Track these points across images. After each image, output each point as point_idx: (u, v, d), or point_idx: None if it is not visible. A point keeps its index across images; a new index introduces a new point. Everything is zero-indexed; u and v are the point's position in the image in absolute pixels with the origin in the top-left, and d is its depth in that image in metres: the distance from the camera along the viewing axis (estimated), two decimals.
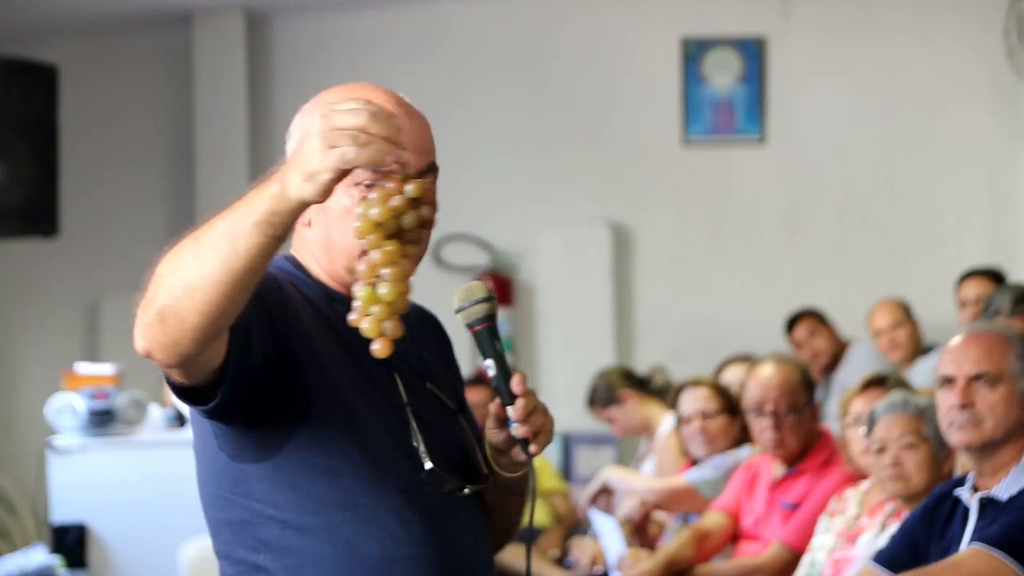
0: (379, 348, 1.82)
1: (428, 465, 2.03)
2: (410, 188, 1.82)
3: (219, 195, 8.09)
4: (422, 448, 2.03)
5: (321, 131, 1.71)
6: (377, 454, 2.00)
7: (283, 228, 1.73)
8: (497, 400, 2.06)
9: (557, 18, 8.08)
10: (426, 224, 1.86)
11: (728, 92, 7.95)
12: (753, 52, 7.93)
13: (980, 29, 7.60)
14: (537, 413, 2.05)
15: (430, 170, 2.03)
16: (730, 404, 4.93)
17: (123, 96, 8.16)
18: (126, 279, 8.53)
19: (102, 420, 5.22)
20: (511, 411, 2.03)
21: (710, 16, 7.98)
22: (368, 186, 1.92)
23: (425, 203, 1.85)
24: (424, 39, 8.06)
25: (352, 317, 1.83)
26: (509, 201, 7.88)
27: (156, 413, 5.53)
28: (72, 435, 5.22)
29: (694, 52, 7.95)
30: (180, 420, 5.61)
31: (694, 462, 5.01)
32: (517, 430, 2.04)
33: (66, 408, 5.22)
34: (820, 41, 7.94)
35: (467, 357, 7.47)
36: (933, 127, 7.87)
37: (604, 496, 4.91)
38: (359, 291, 1.82)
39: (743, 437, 4.88)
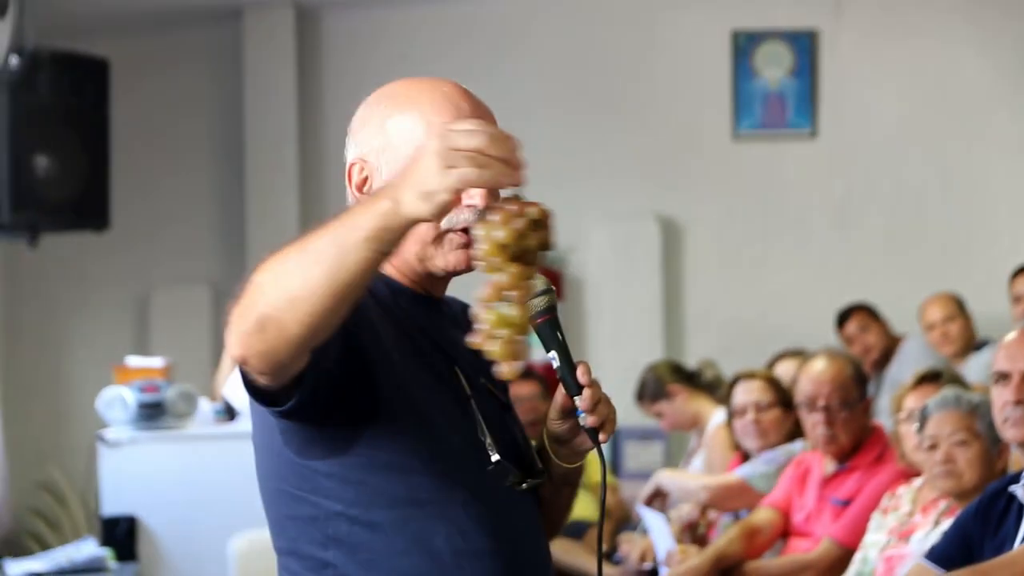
0: (507, 371, 1.81)
1: (495, 458, 2.04)
2: (532, 210, 1.83)
3: (269, 191, 8.20)
4: (489, 441, 2.04)
5: (439, 151, 1.70)
6: (444, 449, 2.00)
7: (391, 244, 1.73)
8: (561, 390, 2.07)
9: (608, 11, 8.06)
10: (547, 247, 1.85)
11: (779, 85, 7.91)
12: (804, 45, 7.88)
13: None
14: (602, 403, 2.06)
15: None
16: (784, 397, 4.89)
17: (173, 91, 8.20)
18: (176, 273, 8.65)
19: (152, 413, 5.24)
20: (578, 401, 2.04)
21: (761, 9, 7.94)
22: (486, 208, 1.89)
23: (546, 225, 1.84)
24: (473, 32, 8.05)
25: (475, 339, 1.81)
26: (558, 195, 7.79)
27: (205, 406, 5.55)
28: (122, 428, 5.25)
29: (745, 45, 7.91)
30: (229, 413, 5.63)
31: (745, 457, 4.98)
32: (585, 420, 2.05)
33: (116, 401, 5.25)
34: (872, 35, 7.89)
35: None
36: (985, 120, 7.80)
37: (658, 499, 4.88)
38: (483, 313, 1.80)
39: (796, 431, 4.84)
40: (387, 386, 1.95)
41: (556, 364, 2.05)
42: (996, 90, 7.79)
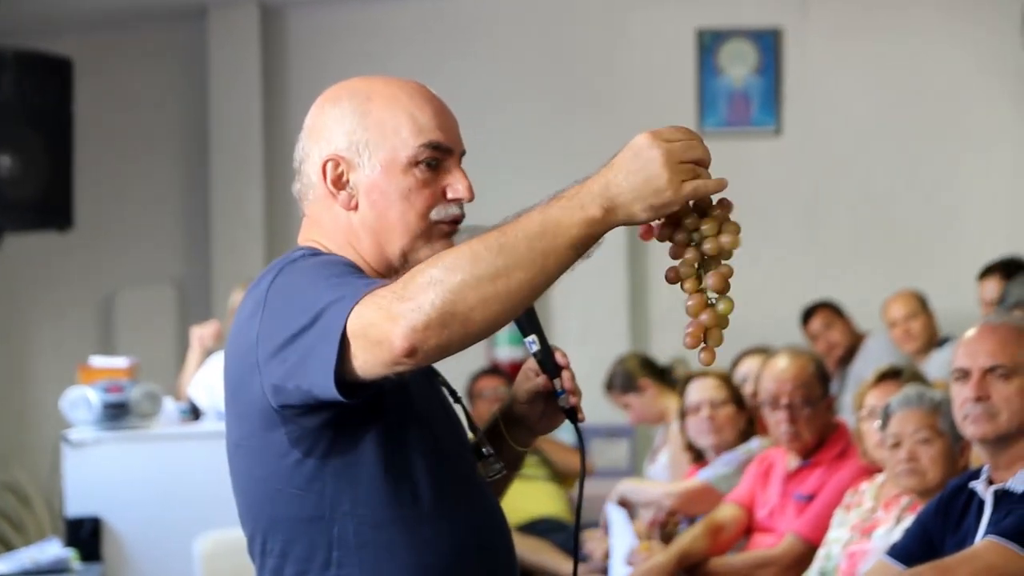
0: (709, 358, 1.91)
1: (487, 450, 2.13)
2: (730, 207, 1.94)
3: (233, 189, 8.17)
4: (480, 435, 2.16)
5: (669, 163, 1.80)
6: (441, 446, 2.04)
7: (590, 248, 1.82)
8: (528, 375, 2.20)
9: (572, 8, 8.07)
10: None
11: (744, 83, 7.93)
12: (769, 43, 7.91)
13: (999, 19, 7.57)
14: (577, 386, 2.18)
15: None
16: (737, 395, 4.93)
17: (138, 89, 8.17)
18: (140, 272, 8.60)
19: (116, 413, 5.22)
20: (558, 383, 2.15)
21: (726, 7, 7.96)
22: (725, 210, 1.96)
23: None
24: (438, 30, 8.05)
25: (693, 330, 1.91)
26: (522, 192, 7.81)
27: (170, 406, 5.54)
28: (87, 428, 5.23)
29: (709, 43, 7.94)
30: (194, 413, 5.62)
31: (698, 456, 5.00)
32: (565, 400, 2.16)
33: (81, 401, 5.23)
34: (837, 32, 7.92)
35: (480, 347, 7.47)
36: (952, 118, 7.84)
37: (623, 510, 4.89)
38: (704, 303, 1.92)
39: (749, 429, 4.87)
40: (388, 386, 1.96)
41: (535, 348, 2.15)
42: (962, 87, 7.83)
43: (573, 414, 2.17)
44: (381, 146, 2.03)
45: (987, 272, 6.36)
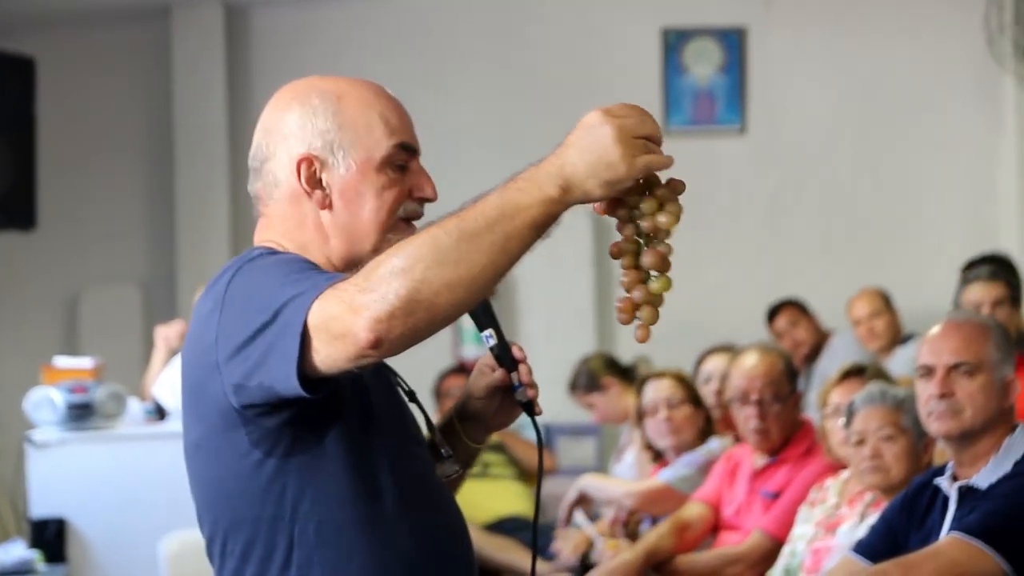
0: (645, 335, 1.91)
1: (446, 451, 2.15)
2: (681, 188, 1.95)
3: (198, 189, 8.13)
4: (439, 436, 2.17)
5: (621, 138, 1.82)
6: (400, 446, 2.05)
7: (550, 228, 1.83)
8: (483, 370, 2.22)
9: (537, 8, 8.07)
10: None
11: (709, 82, 7.95)
12: (734, 42, 7.93)
13: (961, 19, 7.61)
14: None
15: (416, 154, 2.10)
16: (694, 394, 4.94)
17: (101, 88, 8.13)
18: (105, 272, 8.54)
19: (81, 414, 5.20)
20: (515, 377, 2.17)
21: (690, 6, 7.98)
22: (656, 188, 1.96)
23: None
24: (402, 29, 8.04)
25: (623, 307, 1.91)
26: (488, 189, 7.86)
27: (135, 407, 5.52)
28: (51, 429, 5.21)
29: (674, 42, 7.95)
30: (160, 413, 5.60)
31: (657, 456, 5.01)
32: (523, 394, 2.17)
33: (45, 402, 5.21)
34: (801, 31, 7.95)
35: (447, 346, 7.47)
36: (914, 117, 7.88)
37: (583, 505, 4.90)
38: (638, 281, 1.91)
39: (707, 428, 4.89)
40: (347, 383, 1.96)
41: (492, 343, 2.17)
42: (924, 86, 7.87)
43: (530, 407, 2.18)
44: (356, 146, 2.04)
45: (971, 267, 6.39)
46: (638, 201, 1.91)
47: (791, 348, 6.89)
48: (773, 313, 7.13)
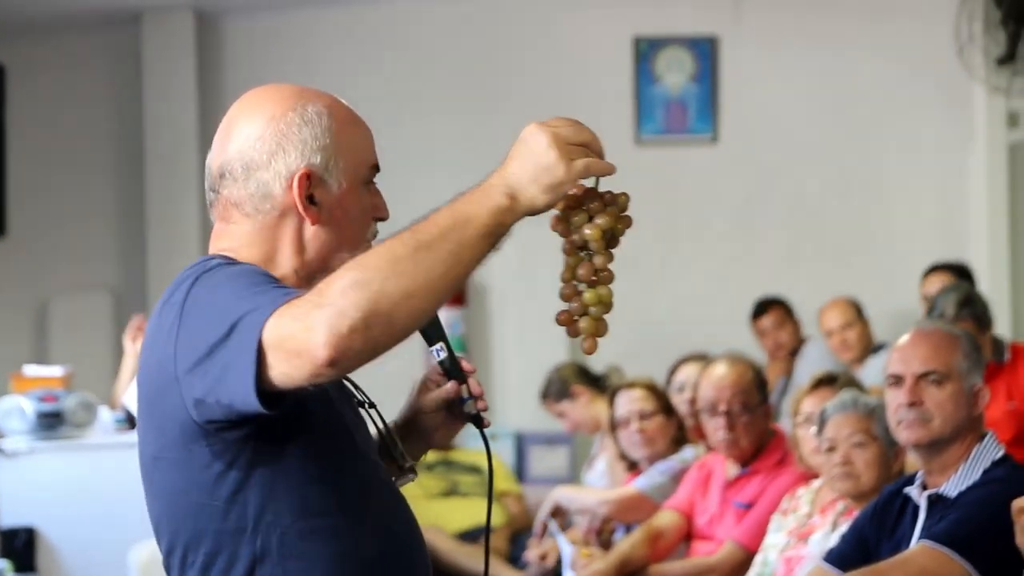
0: (591, 346, 1.97)
1: (409, 464, 2.18)
2: (623, 198, 1.96)
3: (169, 196, 8.10)
4: (401, 449, 2.18)
5: (556, 145, 1.88)
6: (361, 454, 2.05)
7: (503, 238, 1.87)
8: (426, 385, 2.23)
9: (509, 17, 8.07)
10: (625, 231, 1.98)
11: (680, 91, 7.97)
12: (705, 51, 7.95)
13: (931, 28, 7.64)
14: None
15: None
16: (666, 404, 4.95)
17: (72, 96, 8.10)
18: (75, 280, 8.50)
19: (51, 423, 5.18)
20: (464, 389, 2.19)
21: (662, 15, 7.99)
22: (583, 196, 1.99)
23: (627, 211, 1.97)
24: (374, 39, 8.03)
25: (562, 318, 1.96)
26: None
27: (105, 415, 5.49)
28: (20, 438, 5.18)
29: (646, 51, 7.97)
30: (130, 422, 5.57)
31: (632, 466, 5.01)
32: (471, 405, 2.19)
33: (14, 410, 5.18)
34: (772, 40, 7.97)
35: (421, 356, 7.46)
36: (885, 126, 7.91)
37: (557, 516, 4.90)
38: (573, 293, 1.94)
39: (681, 437, 4.90)
40: (308, 395, 1.93)
41: (442, 356, 2.18)
42: (894, 94, 7.90)
43: (479, 419, 2.20)
44: (348, 163, 2.04)
45: (933, 271, 6.43)
46: (572, 214, 1.94)
47: (772, 348, 6.92)
48: (761, 309, 7.11)
